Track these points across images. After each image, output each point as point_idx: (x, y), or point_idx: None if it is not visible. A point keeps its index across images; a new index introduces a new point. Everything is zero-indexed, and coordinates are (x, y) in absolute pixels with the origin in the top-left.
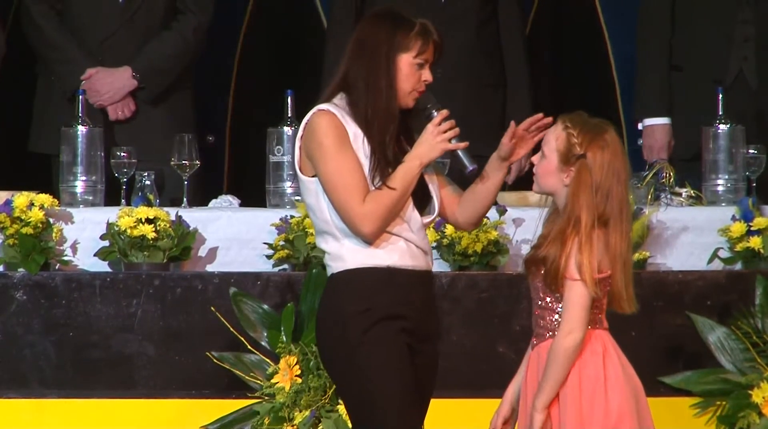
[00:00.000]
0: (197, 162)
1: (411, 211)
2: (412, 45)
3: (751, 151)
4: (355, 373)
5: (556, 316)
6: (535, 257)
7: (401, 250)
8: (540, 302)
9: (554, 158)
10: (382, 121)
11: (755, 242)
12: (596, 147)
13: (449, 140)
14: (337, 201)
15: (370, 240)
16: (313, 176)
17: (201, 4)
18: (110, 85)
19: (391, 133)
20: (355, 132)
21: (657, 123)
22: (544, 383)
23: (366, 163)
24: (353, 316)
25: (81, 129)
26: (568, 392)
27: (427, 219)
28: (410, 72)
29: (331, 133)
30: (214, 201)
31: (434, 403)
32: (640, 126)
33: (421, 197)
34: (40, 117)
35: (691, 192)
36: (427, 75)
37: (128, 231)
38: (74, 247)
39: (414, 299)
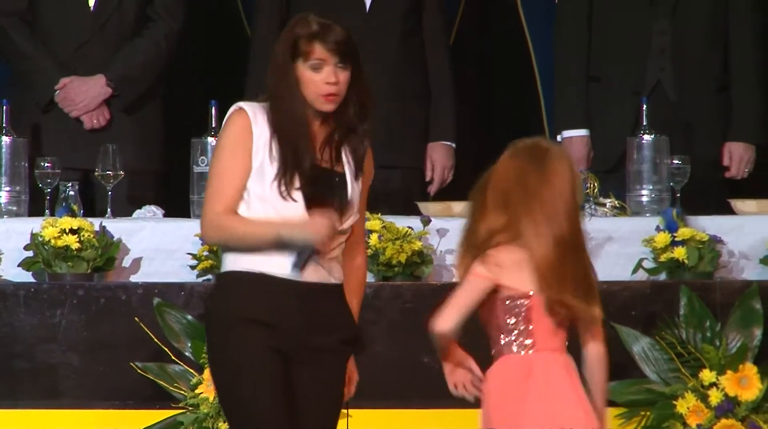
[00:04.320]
0: (121, 173)
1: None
2: (305, 50)
3: (676, 161)
4: (215, 373)
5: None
6: None
7: (273, 258)
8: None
9: None
10: (290, 128)
11: (679, 253)
12: (505, 155)
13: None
14: (204, 199)
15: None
16: None
17: (172, 11)
18: (85, 93)
19: (303, 140)
20: (265, 136)
21: (575, 135)
22: None
23: (273, 168)
24: (217, 317)
25: (5, 139)
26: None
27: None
28: (308, 77)
29: (230, 133)
30: (138, 211)
31: (358, 413)
32: (558, 138)
33: (318, 205)
34: (14, 129)
35: (615, 202)
36: (326, 76)
37: (52, 241)
38: None
39: (292, 309)
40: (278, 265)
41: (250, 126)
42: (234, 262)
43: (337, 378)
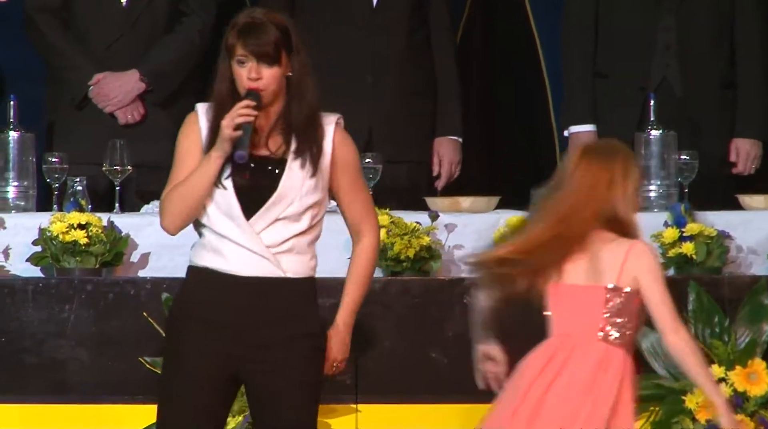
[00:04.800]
0: (129, 167)
1: (239, 214)
2: (230, 46)
3: (684, 157)
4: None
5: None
6: None
7: (227, 254)
8: None
9: None
10: (220, 121)
11: (688, 248)
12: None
13: (239, 127)
14: None
15: (170, 233)
16: None
17: (204, 6)
18: (119, 89)
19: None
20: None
21: (582, 130)
22: None
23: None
24: (169, 313)
25: (13, 134)
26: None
27: (260, 224)
28: (237, 73)
29: (181, 131)
30: (146, 206)
31: (366, 408)
32: (566, 133)
33: (255, 200)
34: (51, 126)
35: None
36: (247, 71)
37: (60, 236)
38: (6, 253)
39: (235, 304)
40: (221, 259)
41: (198, 122)
42: (192, 256)
43: (296, 373)
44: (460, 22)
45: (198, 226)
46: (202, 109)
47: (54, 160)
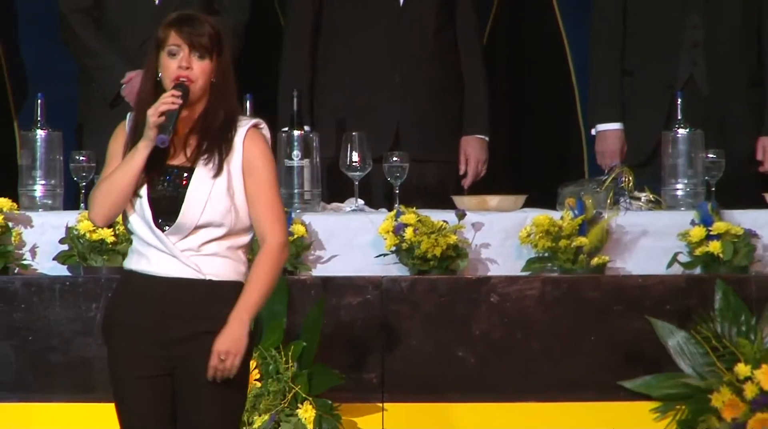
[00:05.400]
0: None
1: (150, 218)
2: (162, 37)
3: (711, 155)
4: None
5: None
6: None
7: (150, 256)
8: None
9: None
10: (137, 130)
11: (714, 247)
12: None
13: (163, 114)
14: None
15: (98, 226)
16: None
17: (238, 4)
18: None
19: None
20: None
21: (609, 128)
22: None
23: None
24: (101, 317)
25: (40, 133)
26: None
27: (178, 233)
28: (166, 64)
29: (112, 135)
30: None
31: (393, 407)
32: (593, 132)
33: (168, 209)
34: (83, 125)
35: (651, 196)
36: (179, 60)
37: (87, 235)
38: (33, 251)
39: (155, 303)
40: (140, 262)
41: (126, 127)
42: (125, 261)
43: (195, 368)
44: (487, 20)
45: (128, 230)
46: (130, 115)
47: (81, 158)
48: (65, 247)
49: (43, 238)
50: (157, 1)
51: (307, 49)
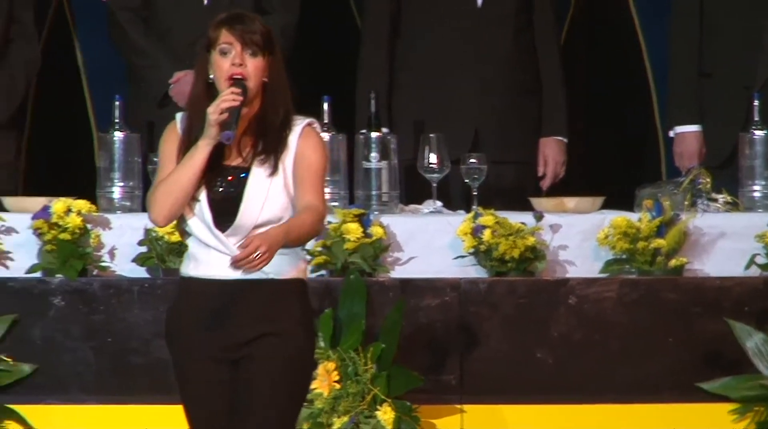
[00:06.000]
0: None
1: (210, 220)
2: (213, 37)
3: None
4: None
5: None
6: None
7: (208, 261)
8: None
9: None
10: (192, 133)
11: None
12: None
13: (224, 111)
14: None
15: (158, 225)
16: None
17: (287, 4)
18: None
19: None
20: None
21: (688, 130)
22: None
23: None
24: (165, 324)
25: (118, 134)
26: None
27: (237, 234)
28: (218, 64)
29: (162, 137)
30: None
31: (471, 409)
32: (671, 133)
33: (227, 210)
34: (129, 124)
35: (728, 198)
36: (232, 57)
37: (166, 237)
38: (112, 253)
39: (219, 306)
40: (197, 266)
41: (177, 128)
42: (181, 267)
43: (275, 373)
44: (564, 21)
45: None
46: (179, 117)
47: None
48: (144, 249)
49: (122, 240)
50: (206, 2)
51: (385, 50)
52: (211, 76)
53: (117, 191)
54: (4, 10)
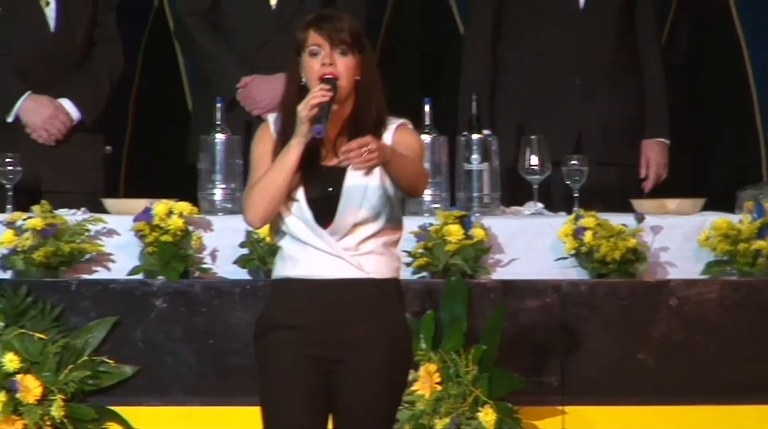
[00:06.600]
0: None
1: (311, 219)
2: (302, 38)
3: None
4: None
5: None
6: None
7: (307, 260)
8: None
9: None
10: (287, 134)
11: None
12: None
13: (315, 106)
14: None
15: (254, 226)
16: None
17: (353, 7)
18: (267, 92)
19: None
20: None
21: None
22: None
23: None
24: (255, 327)
25: (220, 137)
26: None
27: (337, 233)
28: (309, 65)
29: (254, 138)
30: None
31: (573, 410)
32: None
33: (326, 210)
34: (198, 127)
35: None
36: (322, 58)
37: (267, 238)
38: (213, 255)
39: (318, 306)
40: (297, 266)
41: (270, 130)
42: (274, 270)
43: (377, 373)
44: (665, 23)
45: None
46: (271, 118)
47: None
48: (245, 250)
49: (223, 241)
50: (273, 6)
51: (487, 53)
52: (303, 80)
53: (218, 193)
54: (88, 14)
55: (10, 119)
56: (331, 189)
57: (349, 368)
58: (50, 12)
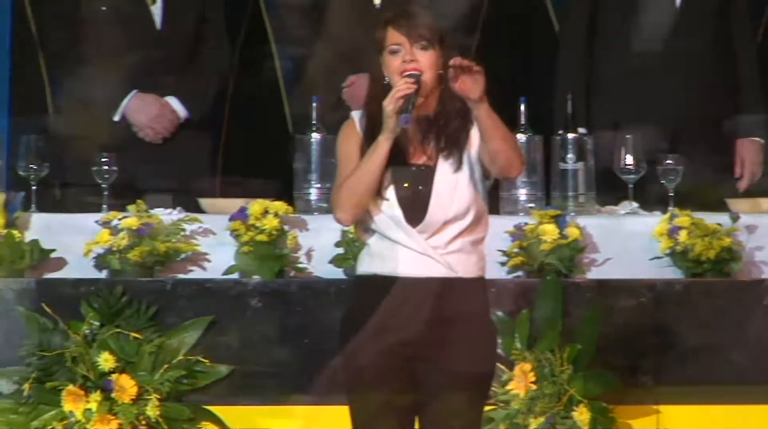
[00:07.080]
0: None
1: (401, 217)
2: (380, 37)
3: None
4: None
5: None
6: None
7: (396, 258)
8: None
9: None
10: (373, 135)
11: None
12: None
13: (401, 98)
14: None
15: (345, 224)
16: None
17: None
18: None
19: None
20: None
21: None
22: None
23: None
24: (341, 325)
25: (315, 136)
26: None
27: (427, 231)
28: (390, 64)
29: (340, 135)
30: None
31: (668, 410)
32: None
33: (416, 208)
34: (294, 127)
35: None
36: (403, 55)
37: None
38: (309, 255)
39: (408, 305)
40: (386, 264)
41: (356, 127)
42: (359, 265)
43: (463, 373)
44: (759, 25)
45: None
46: (356, 115)
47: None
48: (341, 250)
49: (319, 241)
50: (377, 4)
51: (583, 51)
52: (387, 78)
53: (314, 193)
54: (196, 11)
55: (116, 118)
56: (421, 187)
57: (435, 367)
58: (156, 10)
